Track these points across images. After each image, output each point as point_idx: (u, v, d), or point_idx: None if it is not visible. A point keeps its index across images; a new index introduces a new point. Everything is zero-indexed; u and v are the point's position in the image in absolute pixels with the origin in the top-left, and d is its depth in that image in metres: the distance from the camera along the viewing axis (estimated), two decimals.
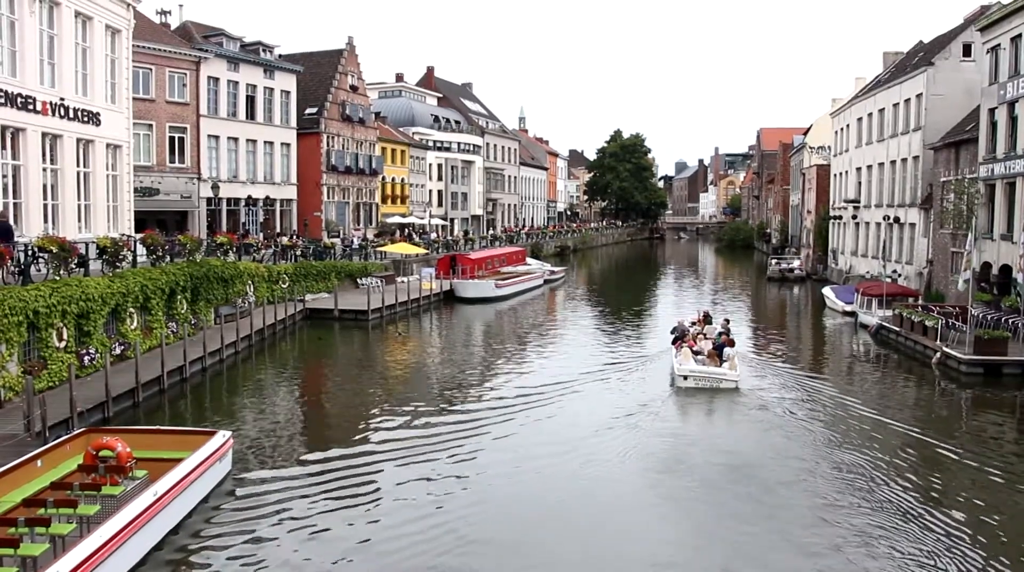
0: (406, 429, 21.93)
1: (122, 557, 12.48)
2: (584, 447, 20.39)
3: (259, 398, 26.10)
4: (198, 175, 46.88)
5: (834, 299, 47.07)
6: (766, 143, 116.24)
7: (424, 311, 46.16)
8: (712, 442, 21.05)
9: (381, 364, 32.70)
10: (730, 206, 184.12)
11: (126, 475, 14.56)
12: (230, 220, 49.94)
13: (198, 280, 31.83)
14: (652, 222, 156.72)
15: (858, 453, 19.89)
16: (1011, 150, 34.42)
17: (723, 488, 17.47)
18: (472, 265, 55.37)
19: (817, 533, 14.90)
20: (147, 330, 27.71)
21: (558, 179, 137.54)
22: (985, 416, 24.44)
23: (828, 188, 67.84)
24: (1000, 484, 17.85)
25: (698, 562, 13.98)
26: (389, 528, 15.18)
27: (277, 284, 39.92)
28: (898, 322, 35.14)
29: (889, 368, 31.79)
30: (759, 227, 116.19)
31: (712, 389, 25.89)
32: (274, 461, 18.66)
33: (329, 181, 60.18)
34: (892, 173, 51.77)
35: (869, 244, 55.27)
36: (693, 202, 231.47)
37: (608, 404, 24.69)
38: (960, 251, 35.59)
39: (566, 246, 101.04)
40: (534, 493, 17.31)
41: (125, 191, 32.93)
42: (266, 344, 33.97)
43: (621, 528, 15.50)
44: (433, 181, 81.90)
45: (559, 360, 32.79)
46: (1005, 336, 29.27)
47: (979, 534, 14.82)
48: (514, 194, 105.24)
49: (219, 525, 15.04)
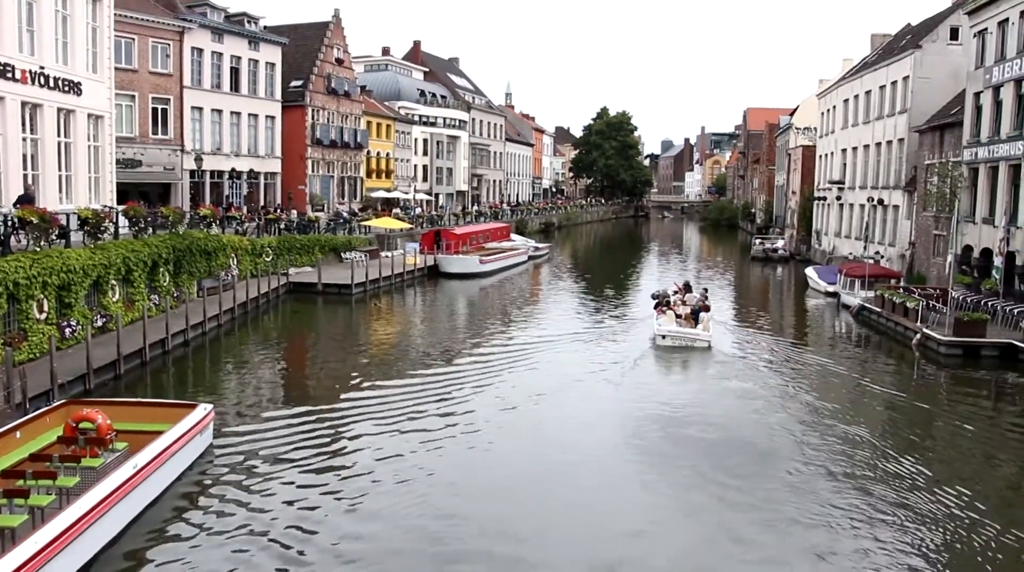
0: (389, 401, 22.07)
1: (101, 529, 12.48)
2: (567, 406, 22.14)
3: (241, 371, 26.07)
4: (181, 147, 46.49)
5: (817, 280, 47.31)
6: (752, 123, 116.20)
7: (408, 286, 46.15)
8: (684, 398, 22.93)
9: (364, 338, 32.74)
10: (715, 185, 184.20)
11: (106, 447, 14.52)
12: (214, 193, 49.58)
13: (181, 253, 31.64)
14: (637, 200, 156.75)
15: (833, 425, 20.35)
16: (995, 134, 34.56)
17: (697, 445, 18.75)
18: (457, 240, 55.39)
19: (793, 500, 15.17)
20: (129, 303, 27.56)
21: (544, 156, 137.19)
22: (962, 396, 24.71)
23: (813, 169, 68.00)
24: (976, 460, 18.21)
25: (674, 525, 14.22)
26: (372, 497, 15.29)
27: (260, 257, 39.76)
28: (880, 303, 35.38)
29: (870, 348, 32.04)
30: (744, 207, 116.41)
31: (687, 348, 29.15)
32: (256, 433, 18.65)
33: (314, 155, 59.82)
34: (877, 155, 51.93)
35: (853, 225, 55.51)
36: (678, 181, 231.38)
37: (591, 363, 27.15)
38: (942, 234, 35.83)
39: (551, 223, 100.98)
40: (517, 458, 17.97)
41: (107, 162, 32.59)
42: (249, 318, 33.87)
43: (601, 486, 16.21)
44: (418, 156, 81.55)
45: (543, 329, 33.90)
46: (984, 318, 29.56)
47: (953, 505, 15.08)
48: (499, 170, 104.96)
49: (200, 497, 15.05)
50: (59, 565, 11.31)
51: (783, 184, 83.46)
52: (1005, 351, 27.97)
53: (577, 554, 13.27)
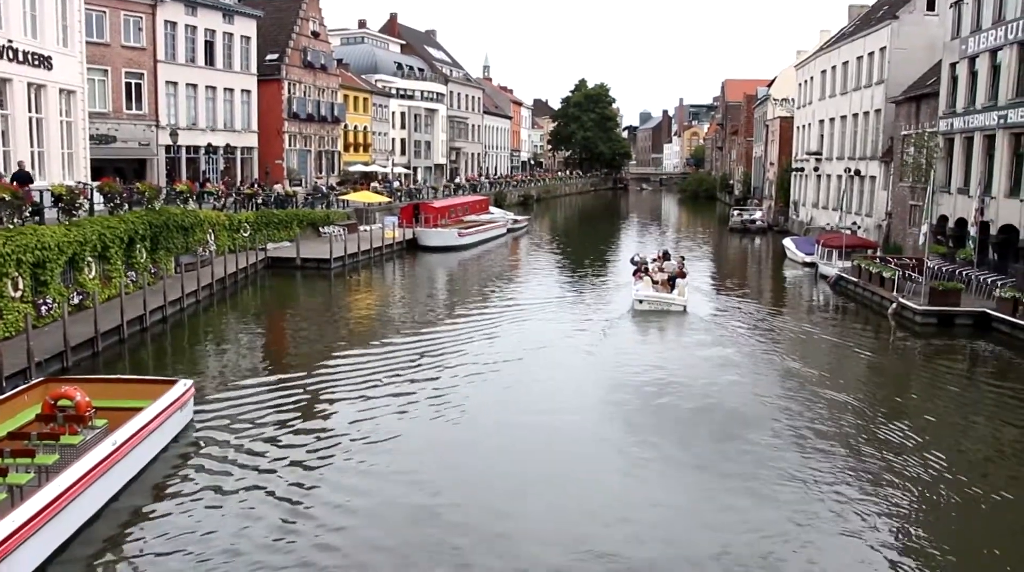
0: (369, 372, 22.16)
1: (81, 506, 12.47)
2: (545, 371, 22.68)
3: (221, 347, 25.99)
4: (156, 122, 45.95)
5: (794, 250, 47.59)
6: (730, 95, 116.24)
7: (387, 260, 46.09)
8: (662, 363, 23.66)
9: (343, 312, 32.73)
10: (693, 157, 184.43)
11: (85, 424, 14.47)
12: (190, 168, 49.10)
13: (157, 229, 31.38)
14: (616, 172, 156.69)
15: (809, 392, 20.67)
16: (971, 105, 34.75)
17: (674, 410, 19.35)
18: (435, 214, 55.31)
19: (766, 464, 15.35)
20: (106, 279, 27.35)
21: (522, 128, 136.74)
22: (937, 363, 25.11)
23: (791, 140, 68.15)
24: (950, 425, 18.55)
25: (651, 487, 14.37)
26: (354, 468, 15.39)
27: (238, 233, 39.51)
28: (856, 273, 35.67)
29: (847, 317, 32.36)
30: (722, 178, 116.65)
31: (663, 312, 30.48)
32: (236, 409, 18.62)
33: (291, 129, 59.33)
34: (854, 126, 52.10)
35: (830, 196, 55.76)
36: (657, 153, 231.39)
37: (569, 329, 28.33)
38: (918, 204, 36.08)
39: (529, 195, 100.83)
40: (495, 423, 18.38)
41: (80, 138, 32.19)
42: (227, 293, 33.71)
43: (580, 453, 16.47)
44: (396, 129, 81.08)
45: (522, 299, 34.87)
46: (959, 288, 29.91)
47: (930, 466, 15.35)
48: (478, 143, 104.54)
49: (180, 474, 15.04)
50: (38, 542, 11.30)
51: (761, 155, 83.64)
52: (979, 320, 28.32)
53: (557, 524, 13.40)
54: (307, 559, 12.04)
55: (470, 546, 12.50)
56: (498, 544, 12.66)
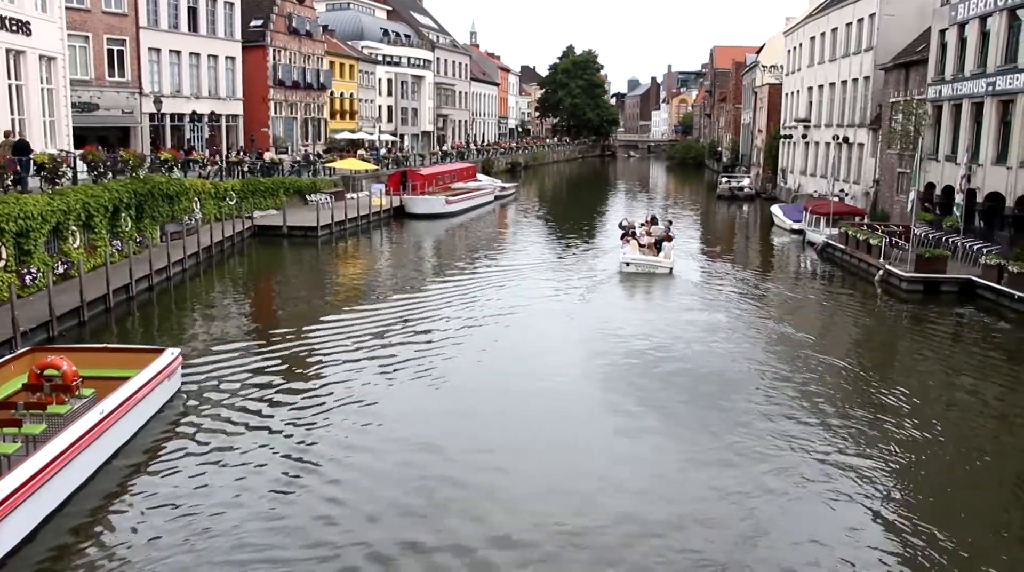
0: (357, 338, 22.25)
1: (69, 475, 12.46)
2: (533, 333, 23.43)
3: (208, 315, 25.90)
4: (139, 90, 45.43)
5: (782, 217, 47.64)
6: (719, 61, 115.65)
7: (374, 228, 45.97)
8: (649, 325, 24.17)
9: (331, 279, 32.68)
10: (682, 124, 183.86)
11: (72, 394, 14.41)
12: (174, 136, 48.66)
13: (142, 197, 31.12)
14: (603, 139, 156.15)
15: (795, 356, 20.86)
16: (959, 72, 34.68)
17: (661, 371, 19.70)
18: (422, 181, 55.10)
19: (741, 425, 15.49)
20: (91, 248, 27.17)
21: (509, 95, 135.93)
22: (922, 330, 25.28)
23: (779, 107, 67.94)
24: (934, 390, 18.72)
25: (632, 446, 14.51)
26: (344, 433, 15.45)
27: (224, 201, 39.24)
28: (844, 240, 35.76)
29: (833, 284, 32.50)
30: (710, 146, 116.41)
31: (650, 274, 31.53)
32: (225, 377, 18.61)
33: (276, 96, 58.83)
34: (843, 93, 51.98)
35: (818, 163, 55.75)
36: (645, 120, 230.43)
37: (557, 292, 29.12)
38: (906, 171, 36.11)
39: (517, 163, 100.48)
40: (484, 385, 18.82)
41: (62, 106, 31.80)
42: (214, 262, 33.56)
43: (569, 414, 16.81)
44: (383, 96, 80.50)
45: (509, 264, 35.48)
46: (945, 255, 30.05)
47: (913, 429, 15.52)
48: (465, 110, 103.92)
49: (169, 442, 15.03)
50: (27, 512, 11.30)
51: (749, 122, 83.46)
52: (964, 287, 28.48)
53: (550, 482, 13.56)
54: (298, 523, 12.09)
55: (459, 509, 12.59)
56: (487, 505, 12.77)
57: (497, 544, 11.62)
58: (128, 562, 11.06)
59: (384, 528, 12.04)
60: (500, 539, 11.76)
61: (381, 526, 12.11)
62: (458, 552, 11.38)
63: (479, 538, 11.76)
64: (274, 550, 11.39)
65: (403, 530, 11.95)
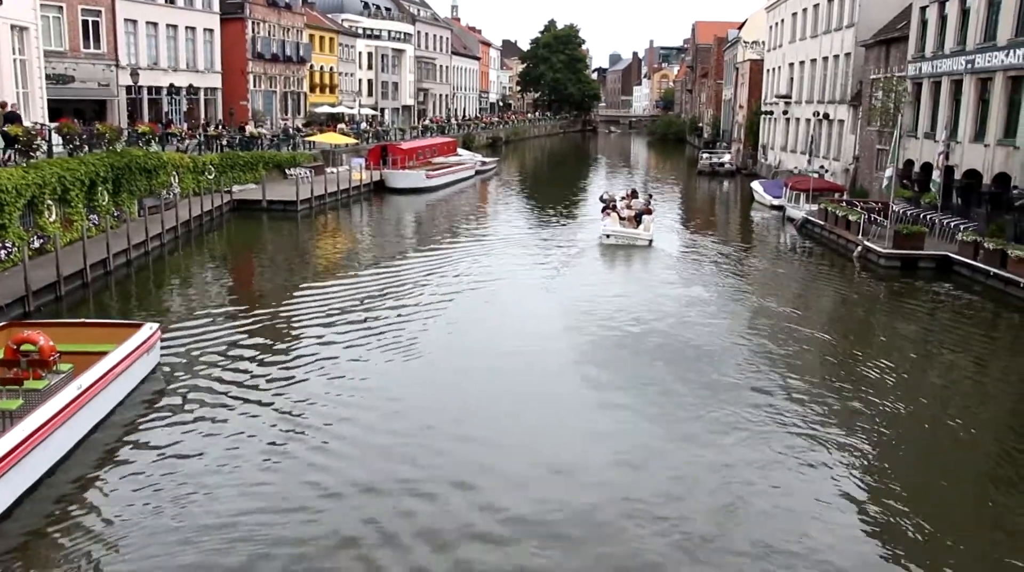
0: (337, 312, 22.29)
1: (47, 451, 12.41)
2: (513, 306, 23.68)
3: (187, 290, 25.77)
4: (116, 62, 44.84)
5: (762, 193, 47.78)
6: (701, 37, 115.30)
7: (354, 202, 45.80)
8: (629, 299, 24.37)
9: (311, 253, 32.61)
10: (663, 100, 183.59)
11: (49, 369, 14.30)
12: (152, 110, 48.16)
13: (120, 171, 30.79)
14: (585, 115, 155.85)
15: (773, 331, 21.06)
16: (939, 49, 34.74)
17: (641, 344, 19.88)
18: (403, 156, 54.84)
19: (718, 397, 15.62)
20: (67, 223, 26.90)
21: (491, 70, 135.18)
22: (899, 305, 25.53)
23: (761, 83, 67.95)
24: (910, 364, 18.91)
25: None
26: (325, 408, 15.43)
27: (203, 175, 38.92)
28: (823, 216, 35.94)
29: (812, 260, 32.69)
30: (691, 121, 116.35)
31: (629, 246, 32.19)
32: (204, 351, 18.55)
33: (255, 69, 58.26)
34: (824, 69, 52.00)
35: (798, 140, 55.83)
36: (626, 95, 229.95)
37: (537, 265, 29.65)
38: (886, 148, 36.25)
39: (498, 137, 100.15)
40: (465, 356, 18.96)
41: (36, 77, 31.37)
42: (193, 236, 33.34)
43: (551, 388, 16.87)
44: (363, 70, 79.90)
45: (490, 238, 35.93)
46: (923, 231, 30.26)
47: (889, 403, 15.72)
48: (446, 84, 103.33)
49: (148, 417, 15.00)
50: (3, 488, 11.25)
51: (731, 98, 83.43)
52: (941, 263, 28.72)
53: (530, 449, 13.75)
54: (281, 493, 12.14)
55: (443, 477, 12.67)
56: (470, 473, 12.87)
57: (481, 511, 11.74)
58: (107, 538, 11.04)
59: (368, 496, 12.13)
60: (484, 506, 11.87)
61: (364, 494, 12.21)
62: (442, 519, 11.51)
63: (464, 506, 11.86)
64: (257, 521, 11.42)
65: (387, 499, 12.04)
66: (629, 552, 10.86)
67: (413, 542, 10.99)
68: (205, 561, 10.53)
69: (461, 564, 10.53)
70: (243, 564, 10.47)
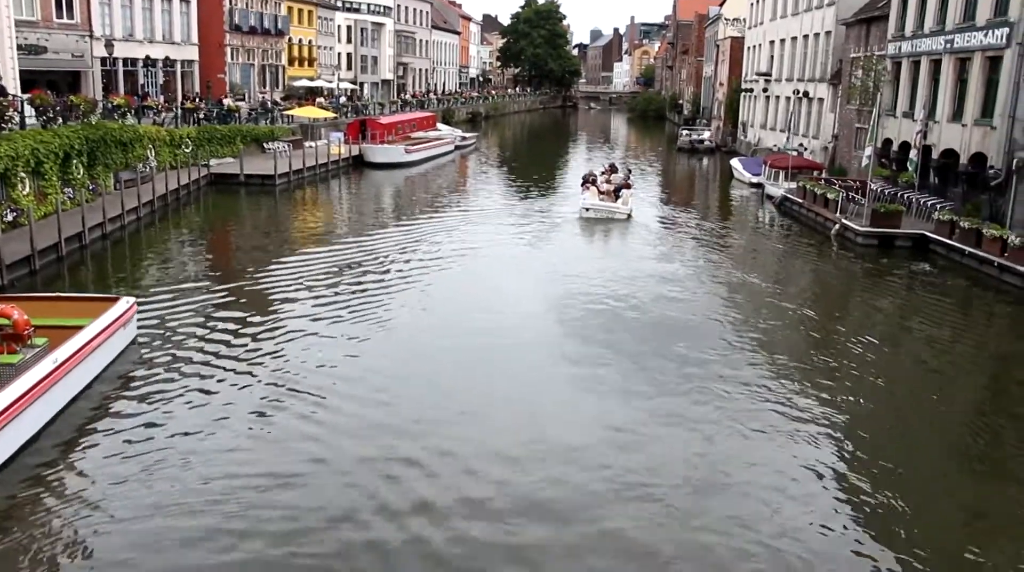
0: (315, 286, 22.27)
1: (22, 425, 12.33)
2: (492, 279, 24.00)
3: (164, 264, 25.56)
4: (90, 33, 44.09)
5: (742, 171, 47.89)
6: (682, 13, 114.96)
7: (333, 176, 45.56)
8: (608, 274, 24.41)
9: (289, 228, 32.44)
10: (644, 76, 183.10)
11: (24, 343, 14.17)
12: (128, 82, 47.48)
13: (95, 144, 30.41)
14: (565, 91, 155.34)
15: (750, 307, 21.33)
16: (919, 29, 34.82)
17: (620, 318, 20.08)
18: (382, 130, 54.51)
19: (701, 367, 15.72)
20: (41, 196, 26.57)
21: (471, 44, 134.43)
22: (876, 283, 25.73)
23: (741, 61, 67.83)
24: (886, 338, 19.11)
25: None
26: (303, 382, 15.38)
27: (180, 148, 38.52)
28: (802, 194, 36.08)
29: (791, 237, 32.85)
30: (671, 98, 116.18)
31: (608, 219, 32.90)
32: (180, 325, 18.46)
33: (233, 42, 57.55)
34: (804, 48, 52.02)
35: (778, 117, 55.93)
36: (607, 71, 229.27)
37: (518, 235, 30.54)
38: (865, 127, 36.38)
39: (478, 113, 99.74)
40: (443, 331, 18.91)
41: (6, 47, 30.88)
42: (170, 210, 33.04)
43: (529, 362, 16.89)
44: (342, 44, 79.17)
45: (469, 212, 36.32)
46: (900, 210, 30.46)
47: (866, 375, 15.90)
48: (425, 59, 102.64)
49: (125, 391, 14.93)
50: None
51: (711, 75, 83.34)
52: (917, 242, 28.94)
53: (510, 429, 13.73)
54: (260, 467, 12.17)
55: (423, 455, 12.67)
56: (448, 450, 12.91)
57: (461, 482, 11.83)
58: (84, 509, 11.02)
59: (346, 466, 12.24)
60: (465, 476, 11.99)
61: (342, 463, 12.34)
62: (426, 487, 11.64)
63: (447, 476, 11.98)
64: (234, 486, 11.53)
65: (367, 467, 12.12)
66: (607, 526, 10.93)
67: (400, 509, 11.14)
68: (182, 526, 10.63)
69: (444, 534, 10.58)
70: (221, 527, 10.62)
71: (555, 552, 10.40)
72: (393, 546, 10.40)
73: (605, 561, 10.20)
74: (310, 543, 10.40)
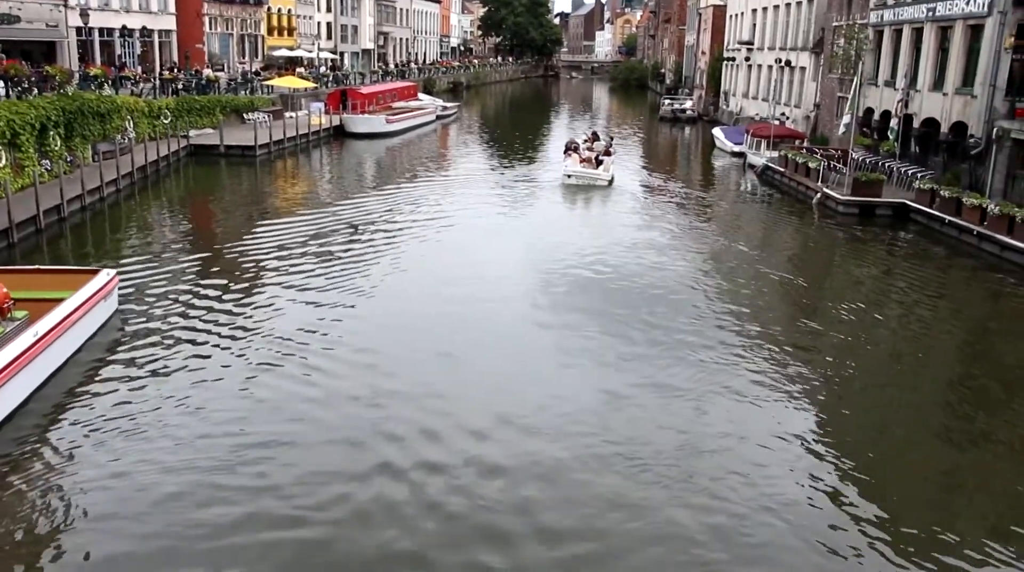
0: (296, 258, 22.23)
1: (2, 398, 12.28)
2: (473, 247, 24.09)
3: (144, 236, 25.38)
4: (64, 2, 43.38)
5: (724, 140, 47.89)
6: None
7: (313, 147, 45.32)
8: (591, 241, 24.59)
9: (269, 199, 32.33)
10: (625, 45, 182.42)
11: (4, 316, 14.05)
12: (104, 52, 46.79)
13: (72, 115, 30.01)
14: (547, 60, 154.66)
15: (731, 275, 21.59)
16: None
17: (600, 287, 20.04)
18: (363, 100, 54.17)
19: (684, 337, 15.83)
20: (17, 168, 26.26)
21: (452, 13, 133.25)
22: (856, 251, 25.92)
23: (723, 29, 67.61)
24: (865, 307, 19.28)
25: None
26: (284, 356, 15.32)
27: (159, 119, 38.12)
28: (783, 163, 36.17)
29: (772, 206, 32.99)
30: (653, 67, 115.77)
31: (589, 186, 33.53)
32: (162, 297, 18.39)
33: (211, 11, 56.81)
34: (787, 16, 51.87)
35: (760, 86, 55.88)
36: (589, 40, 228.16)
37: (500, 201, 31.15)
38: (847, 96, 36.41)
39: (459, 82, 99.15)
40: (425, 299, 18.94)
41: None
42: (149, 182, 32.75)
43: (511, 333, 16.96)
44: (322, 12, 78.25)
45: (451, 180, 36.56)
46: (880, 179, 30.59)
47: (844, 343, 16.08)
48: (406, 28, 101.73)
49: (107, 363, 14.88)
50: None
51: (693, 44, 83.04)
52: (898, 210, 29.11)
53: (492, 398, 13.76)
54: (246, 427, 12.32)
55: (408, 417, 12.80)
56: (433, 410, 13.09)
57: (441, 452, 11.87)
58: (68, 479, 11.03)
59: (327, 434, 12.34)
60: (444, 448, 12.01)
61: (325, 431, 12.43)
62: (405, 456, 11.72)
63: (426, 449, 11.98)
64: (216, 455, 11.60)
65: (348, 434, 12.21)
66: (592, 492, 11.02)
67: (384, 467, 11.39)
68: (168, 483, 10.87)
69: (427, 505, 10.64)
70: (204, 482, 10.92)
71: (541, 509, 10.52)
72: (374, 503, 10.60)
73: (582, 521, 10.31)
74: (294, 500, 10.66)
